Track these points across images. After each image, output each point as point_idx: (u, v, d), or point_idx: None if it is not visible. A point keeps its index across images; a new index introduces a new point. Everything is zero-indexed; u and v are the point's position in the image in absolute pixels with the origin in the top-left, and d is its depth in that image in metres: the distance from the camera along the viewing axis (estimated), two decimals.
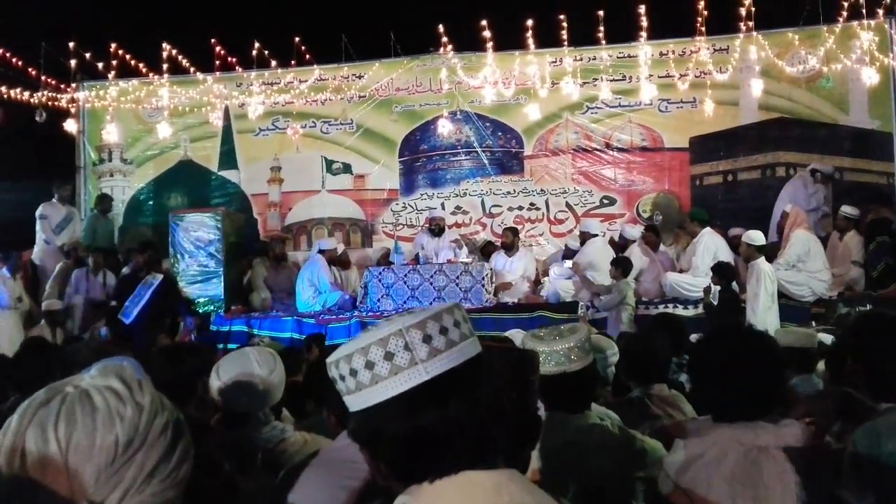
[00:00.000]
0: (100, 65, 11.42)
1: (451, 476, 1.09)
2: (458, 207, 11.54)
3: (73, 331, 9.10)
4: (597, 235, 9.67)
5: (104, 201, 11.53)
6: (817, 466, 1.64)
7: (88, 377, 1.09)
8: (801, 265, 8.59)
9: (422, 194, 11.74)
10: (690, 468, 1.89)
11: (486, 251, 10.35)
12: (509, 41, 10.96)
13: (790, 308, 8.10)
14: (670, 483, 1.94)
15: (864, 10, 10.03)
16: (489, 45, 10.87)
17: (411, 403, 1.09)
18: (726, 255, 8.80)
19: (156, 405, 1.07)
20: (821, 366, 4.28)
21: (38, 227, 10.76)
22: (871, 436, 1.59)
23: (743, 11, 10.23)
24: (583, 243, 9.59)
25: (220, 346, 8.57)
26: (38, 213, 10.77)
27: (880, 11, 10.16)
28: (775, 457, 1.77)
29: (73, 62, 11.44)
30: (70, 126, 11.60)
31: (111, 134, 11.89)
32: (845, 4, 10.02)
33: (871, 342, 2.14)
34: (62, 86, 11.70)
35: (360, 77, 11.70)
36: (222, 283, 9.84)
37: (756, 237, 7.63)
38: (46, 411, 1.03)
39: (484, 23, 10.65)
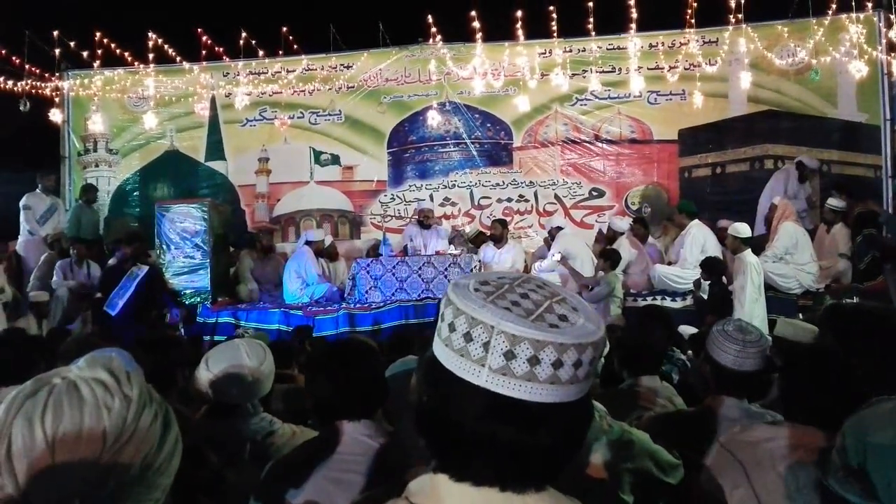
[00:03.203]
0: (85, 53, 11.32)
1: (470, 485, 1.04)
2: (446, 199, 11.53)
3: (55, 322, 9.02)
4: (562, 228, 9.73)
5: (89, 191, 11.42)
6: None
7: (76, 368, 1.06)
8: (788, 257, 8.62)
9: (410, 186, 11.71)
10: (756, 447, 1.98)
11: (477, 241, 10.34)
12: (498, 32, 10.94)
13: (777, 300, 8.14)
14: (717, 447, 2.04)
15: (852, 3, 10.08)
16: (478, 35, 10.84)
17: (501, 410, 1.00)
18: (714, 248, 8.83)
19: (144, 397, 1.05)
20: None
21: (22, 218, 10.67)
22: (857, 426, 1.59)
23: (732, 3, 10.27)
24: (552, 239, 9.66)
25: (207, 338, 8.53)
26: (21, 203, 10.68)
27: (869, 4, 10.21)
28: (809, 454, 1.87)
29: (57, 51, 11.34)
30: (55, 116, 11.48)
31: (96, 124, 11.78)
32: None
33: (849, 337, 2.14)
34: (46, 75, 11.58)
35: (348, 67, 11.64)
36: (209, 275, 9.77)
37: (742, 229, 7.66)
38: (33, 402, 1.00)
39: (473, 13, 10.62)
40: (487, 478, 1.04)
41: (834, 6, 10.13)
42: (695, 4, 10.27)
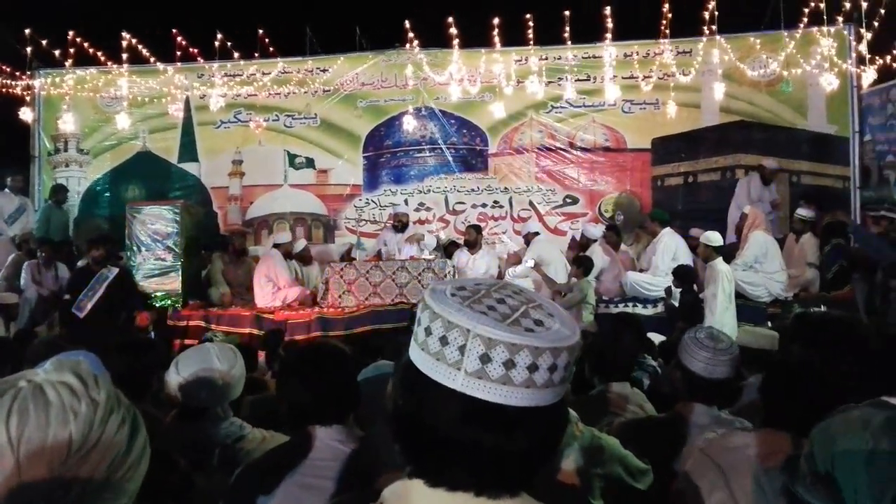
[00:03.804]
0: (57, 52, 11.17)
1: (445, 490, 1.04)
2: (421, 204, 11.52)
3: (23, 324, 8.88)
4: (538, 233, 9.78)
5: (59, 192, 11.27)
6: None
7: (43, 371, 1.04)
8: (758, 266, 8.72)
9: (385, 190, 11.69)
10: (735, 452, 2.01)
11: (448, 252, 10.33)
12: (475, 38, 10.97)
13: (747, 308, 8.23)
14: (700, 455, 2.05)
15: (824, 17, 10.24)
16: (455, 41, 10.86)
17: (477, 414, 1.00)
18: (686, 256, 8.92)
19: (111, 402, 1.03)
20: None
21: None
22: (824, 433, 1.61)
23: (706, 15, 10.39)
24: (527, 244, 9.70)
25: (178, 341, 8.45)
26: None
27: (840, 18, 10.38)
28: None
29: (29, 49, 11.18)
30: (25, 115, 11.32)
31: (67, 123, 11.62)
32: (806, 10, 10.21)
33: (816, 346, 2.18)
34: (17, 73, 11.41)
35: (324, 71, 11.61)
36: (180, 278, 9.66)
37: (714, 238, 7.73)
38: None
39: (450, 20, 10.65)
40: (462, 483, 1.03)
41: (805, 19, 10.29)
42: (669, 15, 10.40)
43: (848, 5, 10.23)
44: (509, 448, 1.01)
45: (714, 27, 10.49)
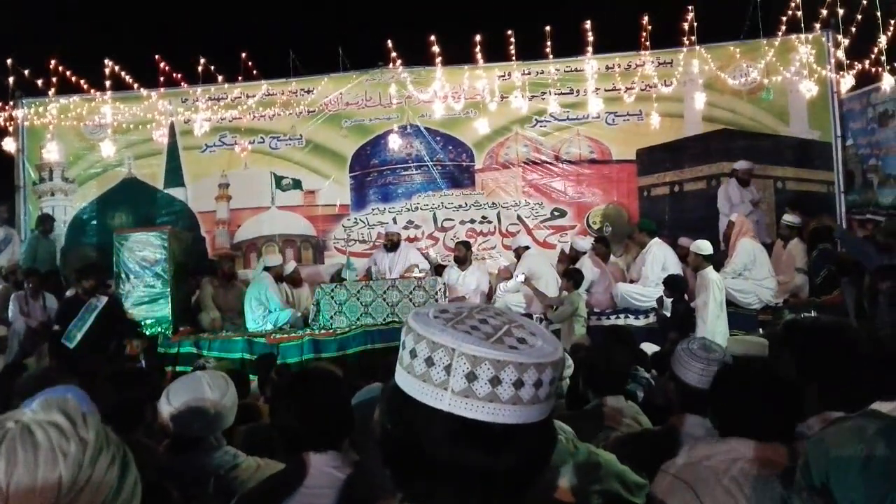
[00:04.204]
0: (39, 81, 11.13)
1: None
2: (409, 222, 11.52)
3: (12, 356, 8.80)
4: (528, 247, 9.80)
5: (45, 222, 11.21)
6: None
7: (30, 412, 1.03)
8: (747, 273, 8.77)
9: (373, 209, 11.69)
10: (697, 466, 2.03)
11: (438, 272, 10.31)
12: (458, 56, 11.02)
13: (738, 316, 8.26)
14: (668, 477, 2.06)
15: (801, 25, 10.35)
16: (438, 59, 10.91)
17: (465, 434, 1.00)
18: (675, 265, 8.95)
19: (101, 440, 1.02)
20: None
21: None
22: (820, 445, 1.61)
23: (686, 26, 10.48)
24: (518, 258, 9.72)
25: (169, 368, 8.39)
26: None
27: (817, 25, 10.49)
28: (770, 467, 1.94)
29: (10, 79, 11.14)
30: (8, 145, 11.27)
31: (52, 152, 11.54)
32: (784, 19, 10.32)
33: (814, 352, 2.18)
34: (0, 104, 11.37)
35: (308, 92, 11.62)
36: (170, 304, 9.60)
37: (704, 247, 7.76)
38: None
39: (433, 38, 10.69)
40: (451, 502, 1.03)
41: (784, 27, 10.39)
42: (649, 27, 10.48)
43: (825, 12, 10.34)
44: (498, 467, 1.01)
45: (694, 38, 10.59)
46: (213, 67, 11.32)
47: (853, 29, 10.01)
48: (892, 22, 9.56)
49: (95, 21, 12.31)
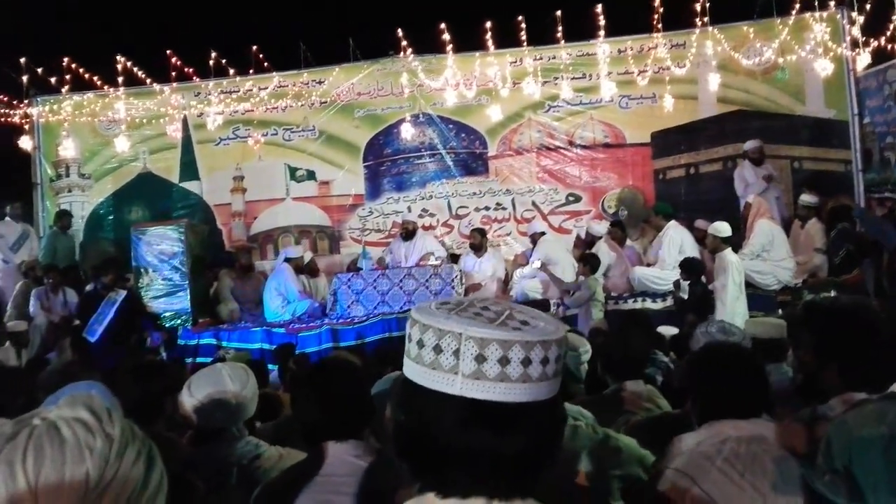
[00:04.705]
0: (53, 79, 11.22)
1: (457, 499, 1.05)
2: (424, 210, 11.52)
3: (34, 351, 8.90)
4: (544, 233, 9.77)
5: (63, 218, 11.31)
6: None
7: (56, 409, 1.04)
8: (765, 254, 8.71)
9: (388, 198, 11.70)
10: (691, 455, 2.05)
11: (453, 259, 10.32)
12: (469, 43, 10.98)
13: (757, 297, 8.21)
14: (668, 472, 2.07)
15: (816, 2, 10.22)
16: (449, 47, 10.88)
17: (478, 416, 1.03)
18: (691, 248, 8.90)
19: (126, 435, 1.03)
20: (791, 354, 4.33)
21: None
22: (842, 428, 1.60)
23: (698, 7, 10.38)
24: (534, 244, 9.69)
25: (189, 360, 8.46)
26: None
27: (832, 3, 10.36)
28: (769, 442, 1.98)
29: (25, 78, 11.22)
30: (25, 143, 11.37)
31: (68, 149, 11.67)
32: None
33: (836, 332, 2.17)
34: (15, 102, 11.46)
35: (320, 83, 11.62)
36: (188, 297, 9.69)
37: (722, 228, 7.70)
38: (13, 446, 0.99)
39: (443, 25, 10.66)
40: (473, 489, 1.05)
41: (798, 5, 10.27)
42: (661, 9, 10.39)
43: None
44: (513, 448, 1.04)
45: (706, 18, 10.48)
46: (224, 61, 11.37)
47: (868, 6, 9.88)
48: None
49: (107, 18, 12.36)
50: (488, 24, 10.67)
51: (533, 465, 1.07)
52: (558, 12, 10.39)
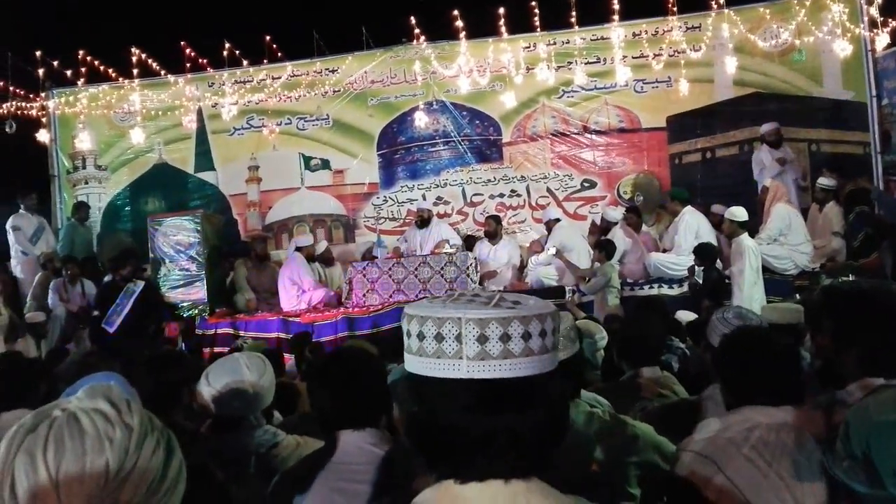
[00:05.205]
0: (68, 72, 11.29)
1: (476, 483, 1.08)
2: (439, 198, 11.51)
3: (53, 342, 9.00)
4: (559, 220, 9.74)
5: (81, 209, 11.40)
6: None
7: (76, 399, 1.06)
8: (782, 239, 8.64)
9: (402, 186, 11.70)
10: (716, 440, 2.03)
11: (468, 243, 10.34)
12: (482, 28, 10.92)
13: (774, 282, 8.16)
14: (689, 455, 2.06)
15: None
16: (462, 33, 10.83)
17: (487, 396, 1.06)
18: (708, 233, 8.85)
19: (145, 426, 1.04)
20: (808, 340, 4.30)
21: (12, 239, 10.62)
22: (861, 413, 1.59)
23: None
24: (549, 230, 9.66)
25: (207, 349, 8.53)
26: (10, 225, 10.62)
27: None
28: (798, 431, 1.95)
29: (41, 71, 11.29)
30: (41, 135, 11.45)
31: (84, 141, 11.74)
32: None
33: (854, 317, 2.15)
34: (31, 95, 11.54)
35: (333, 72, 11.61)
36: (205, 286, 9.76)
37: (738, 213, 7.65)
38: (34, 437, 1.00)
39: (456, 12, 10.61)
40: (490, 471, 1.07)
41: None
42: None
43: None
44: (525, 424, 1.07)
45: (722, 0, 10.37)
46: (238, 51, 11.39)
47: None
48: None
49: (121, 10, 12.40)
50: (501, 10, 10.60)
51: (545, 440, 1.11)
52: None
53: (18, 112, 11.10)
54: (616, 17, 10.55)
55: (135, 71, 11.36)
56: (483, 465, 1.07)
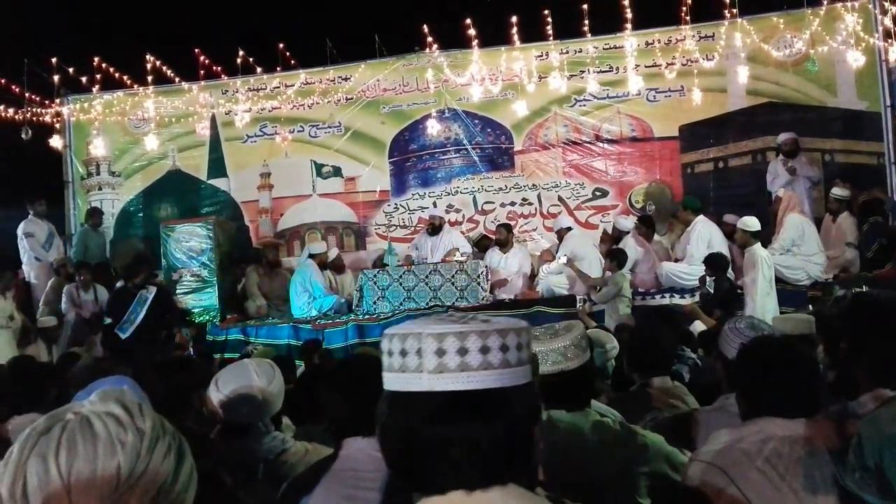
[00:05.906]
0: (83, 78, 11.37)
1: (442, 495, 1.09)
2: (450, 206, 11.51)
3: (64, 347, 9.04)
4: (571, 228, 9.72)
5: (95, 215, 11.46)
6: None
7: (89, 403, 1.06)
8: (795, 249, 8.60)
9: (413, 194, 11.71)
10: (729, 451, 2.01)
11: (480, 245, 10.34)
12: (494, 37, 10.95)
13: (787, 293, 8.11)
14: (700, 465, 2.03)
15: None
16: (474, 42, 10.86)
17: (446, 407, 1.08)
18: (720, 243, 8.82)
19: (157, 430, 1.05)
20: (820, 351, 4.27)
21: (25, 245, 10.66)
22: (873, 424, 1.58)
23: None
24: (560, 239, 9.65)
25: (217, 355, 8.55)
26: (22, 231, 10.66)
27: None
28: (811, 443, 1.92)
29: (56, 77, 11.38)
30: (56, 142, 11.54)
31: (98, 147, 11.82)
32: None
33: (867, 327, 2.13)
34: (46, 101, 11.63)
35: (346, 79, 11.66)
36: (217, 293, 9.80)
37: (751, 223, 7.62)
38: (47, 440, 1.01)
39: (468, 20, 10.64)
40: (450, 482, 1.09)
41: None
42: (689, 1, 10.27)
43: None
44: (485, 436, 1.08)
45: (735, 10, 10.35)
46: (251, 59, 11.46)
47: None
48: None
49: (135, 17, 12.50)
50: (514, 19, 10.62)
51: (507, 452, 1.11)
52: (584, 5, 10.31)
53: (34, 118, 11.19)
54: (629, 26, 10.55)
55: (149, 78, 11.44)
56: (444, 476, 1.09)
